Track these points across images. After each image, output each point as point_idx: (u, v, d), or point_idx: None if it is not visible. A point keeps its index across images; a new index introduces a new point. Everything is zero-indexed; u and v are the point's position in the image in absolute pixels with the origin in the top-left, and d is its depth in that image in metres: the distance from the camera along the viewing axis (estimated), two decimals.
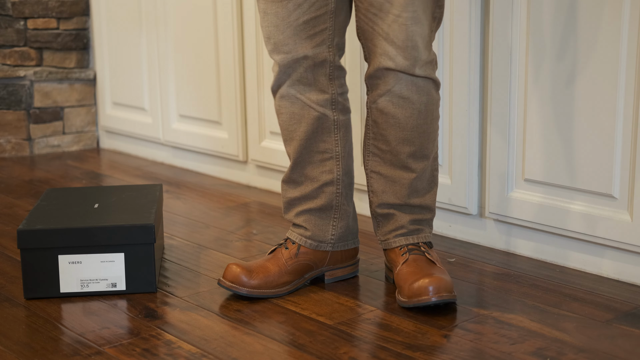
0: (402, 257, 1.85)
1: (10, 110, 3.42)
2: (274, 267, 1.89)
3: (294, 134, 1.88)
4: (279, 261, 1.90)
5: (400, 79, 1.77)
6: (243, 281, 1.85)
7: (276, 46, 1.80)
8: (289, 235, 1.94)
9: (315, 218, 1.92)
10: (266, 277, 1.87)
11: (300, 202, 1.92)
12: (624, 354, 1.59)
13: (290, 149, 1.90)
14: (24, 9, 3.49)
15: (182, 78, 3.09)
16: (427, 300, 1.73)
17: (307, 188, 1.91)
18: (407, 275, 1.80)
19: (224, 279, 1.86)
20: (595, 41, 1.90)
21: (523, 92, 2.05)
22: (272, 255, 1.92)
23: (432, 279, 1.74)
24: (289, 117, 1.87)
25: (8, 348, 1.65)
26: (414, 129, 1.81)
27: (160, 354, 1.62)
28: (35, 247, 1.88)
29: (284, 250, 1.91)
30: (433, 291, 1.73)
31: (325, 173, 1.90)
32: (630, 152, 1.88)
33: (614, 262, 1.97)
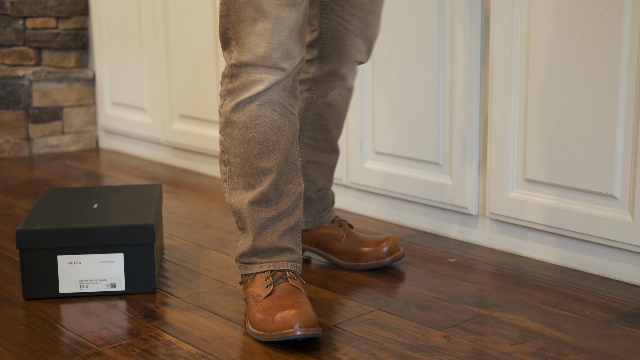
0: (341, 229, 2.05)
1: (9, 110, 3.42)
2: (307, 300, 1.70)
3: (276, 145, 1.69)
4: (302, 293, 1.71)
5: (354, 71, 1.97)
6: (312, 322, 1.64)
7: (288, 52, 1.64)
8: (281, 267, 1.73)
9: (292, 237, 1.75)
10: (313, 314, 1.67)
11: (277, 221, 1.73)
12: (624, 354, 1.58)
13: (270, 163, 1.70)
14: (22, 9, 3.49)
15: (182, 78, 3.09)
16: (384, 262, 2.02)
17: (283, 205, 1.73)
18: (363, 240, 2.03)
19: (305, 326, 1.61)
20: (596, 41, 1.89)
21: (523, 92, 2.05)
22: (292, 290, 1.70)
23: (386, 241, 2.02)
24: (269, 127, 1.67)
25: (7, 349, 1.65)
26: (346, 114, 2.03)
27: (160, 355, 1.61)
28: (34, 248, 1.87)
29: (293, 281, 1.71)
30: (390, 251, 2.02)
31: (297, 185, 1.75)
32: (632, 152, 1.88)
33: (615, 263, 1.97)
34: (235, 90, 1.67)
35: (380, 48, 2.33)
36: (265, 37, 1.61)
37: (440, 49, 2.20)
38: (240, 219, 1.75)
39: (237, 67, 1.65)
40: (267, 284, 1.70)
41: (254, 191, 1.71)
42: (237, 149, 1.70)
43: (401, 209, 2.40)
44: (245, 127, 1.67)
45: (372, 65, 2.36)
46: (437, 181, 2.27)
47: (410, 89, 2.29)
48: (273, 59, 1.62)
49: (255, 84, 1.65)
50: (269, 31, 1.61)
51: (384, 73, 2.34)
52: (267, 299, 1.67)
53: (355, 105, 2.43)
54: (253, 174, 1.70)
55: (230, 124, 1.69)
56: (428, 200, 2.30)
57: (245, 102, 1.66)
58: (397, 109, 2.33)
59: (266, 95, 1.65)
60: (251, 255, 1.74)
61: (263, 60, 1.62)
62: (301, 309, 1.61)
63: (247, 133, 1.68)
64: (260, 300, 1.68)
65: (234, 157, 1.71)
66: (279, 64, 1.63)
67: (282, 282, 1.70)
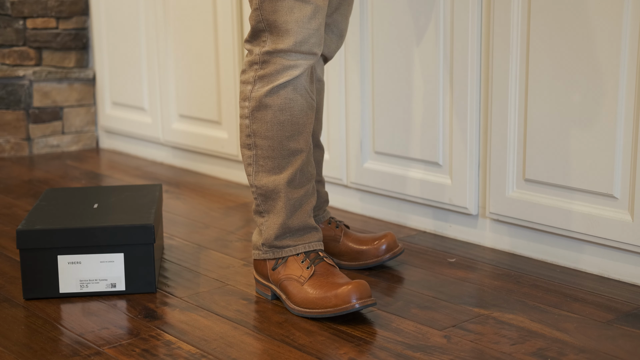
0: (338, 230, 2.06)
1: (9, 110, 3.42)
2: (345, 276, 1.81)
3: (305, 127, 1.82)
4: (338, 270, 1.82)
5: (321, 65, 1.99)
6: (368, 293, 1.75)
7: (321, 37, 1.78)
8: (314, 248, 1.84)
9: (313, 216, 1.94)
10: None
11: (305, 200, 1.85)
12: (624, 354, 1.58)
13: (300, 144, 1.82)
14: (23, 9, 3.49)
15: (182, 78, 3.09)
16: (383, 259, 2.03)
17: (309, 185, 1.85)
18: (361, 239, 2.04)
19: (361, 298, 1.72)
20: (596, 40, 1.89)
21: (523, 92, 2.05)
22: (331, 269, 1.80)
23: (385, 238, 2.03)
24: (301, 109, 1.80)
25: (7, 349, 1.65)
26: (322, 108, 2.03)
27: (160, 355, 1.61)
28: (35, 248, 1.88)
29: (329, 260, 1.83)
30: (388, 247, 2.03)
31: (312, 168, 1.87)
32: (631, 152, 1.88)
33: (614, 263, 1.97)
34: (268, 76, 1.78)
35: (380, 48, 2.33)
36: (305, 23, 1.74)
37: (440, 49, 2.20)
38: (267, 200, 1.83)
39: (271, 54, 1.76)
40: (307, 265, 1.80)
41: (287, 172, 1.81)
42: (269, 132, 1.80)
43: (401, 209, 2.40)
44: (280, 109, 1.79)
45: (372, 65, 2.36)
46: (437, 181, 2.27)
47: (410, 89, 2.29)
48: (310, 44, 1.75)
49: (290, 69, 1.77)
50: (307, 17, 1.74)
51: (384, 73, 2.34)
52: (312, 278, 1.78)
53: (355, 106, 2.43)
54: (284, 156, 1.81)
55: (264, 107, 1.79)
56: (428, 200, 2.30)
57: (281, 86, 1.77)
58: (397, 109, 2.33)
59: (299, 80, 1.78)
60: (283, 237, 1.83)
61: (300, 46, 1.75)
62: (355, 283, 1.73)
63: (282, 116, 1.79)
64: (306, 281, 1.78)
65: (264, 140, 1.81)
66: (313, 50, 1.76)
67: (319, 261, 1.81)
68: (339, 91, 2.47)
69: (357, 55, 2.40)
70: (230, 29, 2.83)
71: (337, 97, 2.48)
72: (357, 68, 2.41)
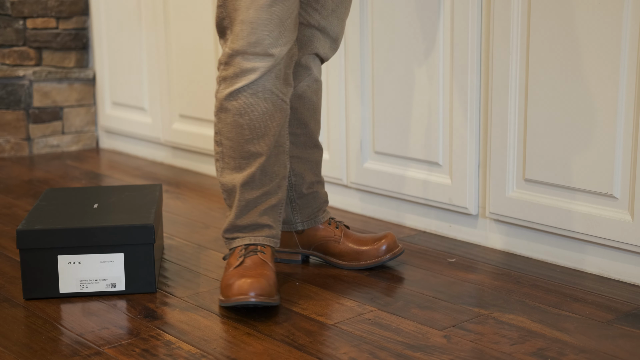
0: (338, 230, 2.06)
1: (9, 110, 3.42)
2: (271, 273, 1.81)
3: (267, 131, 1.81)
4: (268, 266, 1.82)
5: (318, 65, 1.98)
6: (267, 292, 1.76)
7: (277, 39, 1.74)
8: (254, 242, 1.85)
9: (273, 215, 1.87)
10: (275, 285, 1.80)
11: (260, 200, 1.85)
12: (624, 354, 1.58)
13: (260, 147, 1.82)
14: (23, 9, 3.49)
15: (182, 78, 3.09)
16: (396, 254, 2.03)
17: (268, 185, 1.85)
18: (361, 240, 2.04)
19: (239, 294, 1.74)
20: (596, 40, 1.89)
21: (523, 92, 2.05)
22: (255, 263, 1.81)
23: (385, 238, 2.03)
24: (261, 114, 1.79)
25: (7, 348, 1.65)
26: (320, 108, 2.03)
27: (160, 355, 1.61)
28: (35, 248, 1.88)
29: (263, 255, 1.83)
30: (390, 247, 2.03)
31: (282, 167, 1.87)
32: (631, 152, 1.88)
33: (614, 263, 1.97)
34: (229, 78, 1.79)
35: (380, 48, 2.33)
36: (258, 24, 1.72)
37: (440, 49, 2.20)
38: (229, 196, 1.88)
39: (231, 55, 1.77)
40: (239, 256, 1.83)
41: (244, 173, 1.84)
42: (229, 133, 1.82)
43: (401, 209, 2.40)
44: (238, 114, 1.80)
45: (372, 65, 2.37)
46: (437, 181, 2.27)
47: (410, 89, 2.29)
48: (264, 44, 1.74)
49: (248, 73, 1.76)
50: (261, 19, 1.72)
51: (384, 73, 2.34)
52: (235, 269, 1.80)
53: (355, 106, 2.43)
54: (243, 157, 1.83)
55: (224, 110, 1.81)
56: (428, 200, 2.30)
57: (239, 90, 1.78)
58: (397, 109, 2.33)
59: (259, 84, 1.77)
60: (232, 232, 1.88)
61: (255, 47, 1.73)
62: (259, 279, 1.74)
63: (240, 119, 1.80)
64: (230, 270, 1.81)
65: (226, 140, 1.83)
66: (269, 51, 1.74)
67: (252, 254, 1.83)
68: (339, 91, 2.47)
69: (357, 56, 2.40)
70: None
71: (337, 97, 2.48)
72: (358, 68, 2.41)
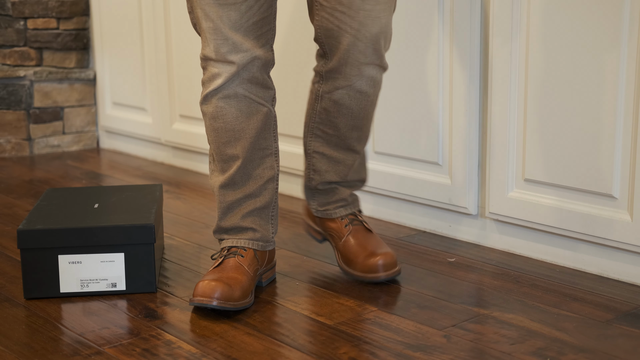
0: (346, 229, 2.00)
1: (10, 110, 3.42)
2: (243, 277, 1.81)
3: (242, 133, 1.83)
4: (243, 270, 1.83)
5: (362, 75, 1.84)
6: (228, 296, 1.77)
7: (235, 46, 1.77)
8: (236, 244, 1.86)
9: (259, 218, 1.88)
10: (242, 289, 1.80)
11: (243, 203, 1.87)
12: (624, 354, 1.59)
13: (237, 150, 1.83)
14: (23, 9, 3.49)
15: (182, 78, 3.09)
16: (377, 278, 1.92)
17: (250, 188, 1.86)
18: (357, 249, 1.97)
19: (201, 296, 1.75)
20: (596, 40, 1.90)
21: (523, 92, 2.05)
22: (230, 266, 1.82)
23: (381, 256, 1.93)
24: (235, 117, 1.82)
25: (8, 348, 1.65)
26: (365, 117, 1.92)
27: (160, 354, 1.62)
28: (35, 247, 1.88)
29: (240, 259, 1.84)
30: (383, 268, 1.92)
31: (267, 169, 1.88)
32: (631, 152, 1.88)
33: (614, 262, 1.97)
34: (204, 83, 1.84)
35: None
36: (212, 33, 1.78)
37: (440, 49, 2.21)
38: (217, 199, 1.92)
39: (203, 60, 1.83)
40: (220, 257, 1.86)
41: (224, 175, 1.87)
42: (209, 137, 1.87)
43: (401, 208, 2.41)
44: (213, 117, 1.84)
45: None
46: (437, 181, 2.27)
47: (410, 89, 2.29)
48: (221, 53, 1.78)
49: (215, 78, 1.81)
50: (212, 29, 1.78)
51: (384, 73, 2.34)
52: (212, 269, 1.83)
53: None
54: (224, 160, 1.86)
55: (203, 114, 1.86)
56: (428, 200, 2.30)
57: (210, 94, 1.82)
58: (397, 109, 2.33)
59: (228, 88, 1.81)
60: (219, 233, 1.92)
61: (215, 54, 1.79)
62: (223, 284, 1.77)
63: (215, 123, 1.84)
64: (208, 270, 1.86)
65: (210, 143, 1.89)
66: (227, 58, 1.78)
67: (232, 257, 1.85)
68: None
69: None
70: None
71: None
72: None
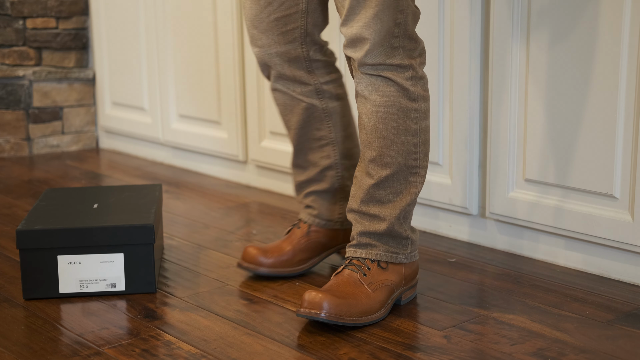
0: (340, 268, 1.78)
1: (9, 110, 3.42)
2: (287, 246, 1.99)
3: (289, 124, 1.98)
4: (292, 240, 2.00)
5: (360, 77, 1.73)
6: (260, 261, 1.96)
7: (253, 39, 1.91)
8: (301, 216, 2.03)
9: (322, 199, 2.01)
10: (280, 256, 1.97)
11: (307, 184, 2.02)
12: (624, 354, 1.58)
13: (289, 137, 2.01)
14: (22, 9, 3.49)
15: (182, 78, 3.09)
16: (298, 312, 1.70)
17: (311, 172, 2.00)
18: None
19: (243, 260, 1.97)
20: (596, 40, 1.89)
21: (523, 92, 2.05)
22: (287, 235, 2.02)
23: (322, 294, 1.68)
24: (282, 108, 1.97)
25: (7, 349, 1.65)
26: (373, 132, 1.74)
27: (160, 355, 1.61)
28: (35, 248, 1.87)
29: (297, 230, 2.01)
30: (305, 303, 1.68)
31: (324, 158, 1.99)
32: (631, 152, 1.88)
33: (615, 263, 1.97)
34: None
35: None
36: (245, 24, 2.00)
37: (440, 49, 2.20)
38: None
39: None
40: (286, 231, 2.05)
41: (292, 157, 2.03)
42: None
43: None
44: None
45: None
46: (437, 181, 2.27)
47: None
48: (251, 42, 1.94)
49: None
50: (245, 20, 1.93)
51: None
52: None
53: (354, 106, 2.43)
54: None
55: None
56: (428, 200, 2.30)
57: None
58: None
59: (272, 83, 1.95)
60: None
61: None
62: (267, 246, 2.00)
63: (277, 109, 2.03)
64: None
65: None
66: (252, 48, 1.93)
67: (296, 228, 2.02)
68: None
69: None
70: (230, 28, 2.83)
71: None
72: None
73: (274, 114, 2.71)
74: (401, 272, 1.80)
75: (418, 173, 1.77)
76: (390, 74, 1.71)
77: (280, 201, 2.67)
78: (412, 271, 1.83)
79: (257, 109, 2.79)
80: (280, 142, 2.71)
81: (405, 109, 1.73)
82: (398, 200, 1.76)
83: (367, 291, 1.73)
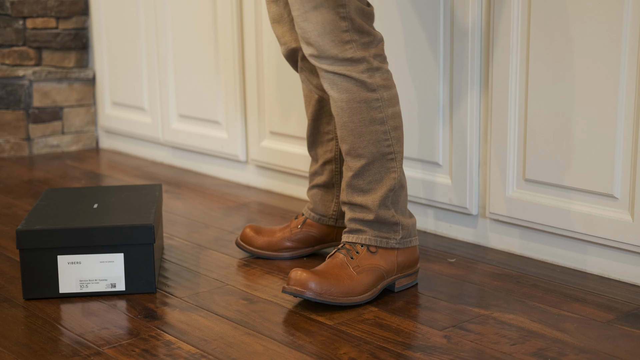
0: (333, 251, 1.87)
1: (9, 110, 3.42)
2: (280, 233, 2.12)
3: (308, 115, 2.09)
4: (286, 228, 2.12)
5: (322, 75, 1.80)
6: (252, 241, 2.12)
7: (278, 39, 2.02)
8: (304, 208, 2.15)
9: (322, 193, 2.10)
10: (270, 240, 2.11)
11: (313, 177, 2.12)
12: (625, 354, 1.58)
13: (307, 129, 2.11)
14: (23, 9, 3.49)
15: (182, 78, 3.09)
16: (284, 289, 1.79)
17: (316, 165, 2.11)
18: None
19: (240, 240, 2.14)
20: (596, 40, 1.89)
21: (523, 92, 2.05)
22: (287, 224, 2.15)
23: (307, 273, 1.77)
24: (305, 99, 2.08)
25: (7, 349, 1.65)
26: (342, 126, 1.82)
27: (160, 355, 1.61)
28: (35, 248, 1.87)
29: (294, 220, 2.13)
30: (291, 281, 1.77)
31: (327, 152, 2.08)
32: (632, 152, 1.88)
33: (615, 263, 1.97)
34: None
35: None
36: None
37: (440, 49, 2.20)
38: None
39: None
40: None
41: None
42: None
43: None
44: None
45: None
46: (437, 181, 2.27)
47: (410, 89, 2.29)
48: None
49: None
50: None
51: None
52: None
53: None
54: None
55: None
56: (428, 200, 2.30)
57: None
58: None
59: (300, 73, 2.02)
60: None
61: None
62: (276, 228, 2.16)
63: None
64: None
65: None
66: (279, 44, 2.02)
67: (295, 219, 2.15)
68: None
69: None
70: (230, 28, 2.83)
71: None
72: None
73: (274, 114, 2.71)
74: (393, 258, 1.85)
75: (395, 159, 1.84)
76: (344, 70, 1.77)
77: (280, 201, 2.67)
78: (408, 259, 1.87)
79: (257, 109, 2.79)
80: (280, 142, 2.71)
81: (367, 100, 1.79)
82: (379, 188, 1.83)
83: (351, 273, 1.80)
